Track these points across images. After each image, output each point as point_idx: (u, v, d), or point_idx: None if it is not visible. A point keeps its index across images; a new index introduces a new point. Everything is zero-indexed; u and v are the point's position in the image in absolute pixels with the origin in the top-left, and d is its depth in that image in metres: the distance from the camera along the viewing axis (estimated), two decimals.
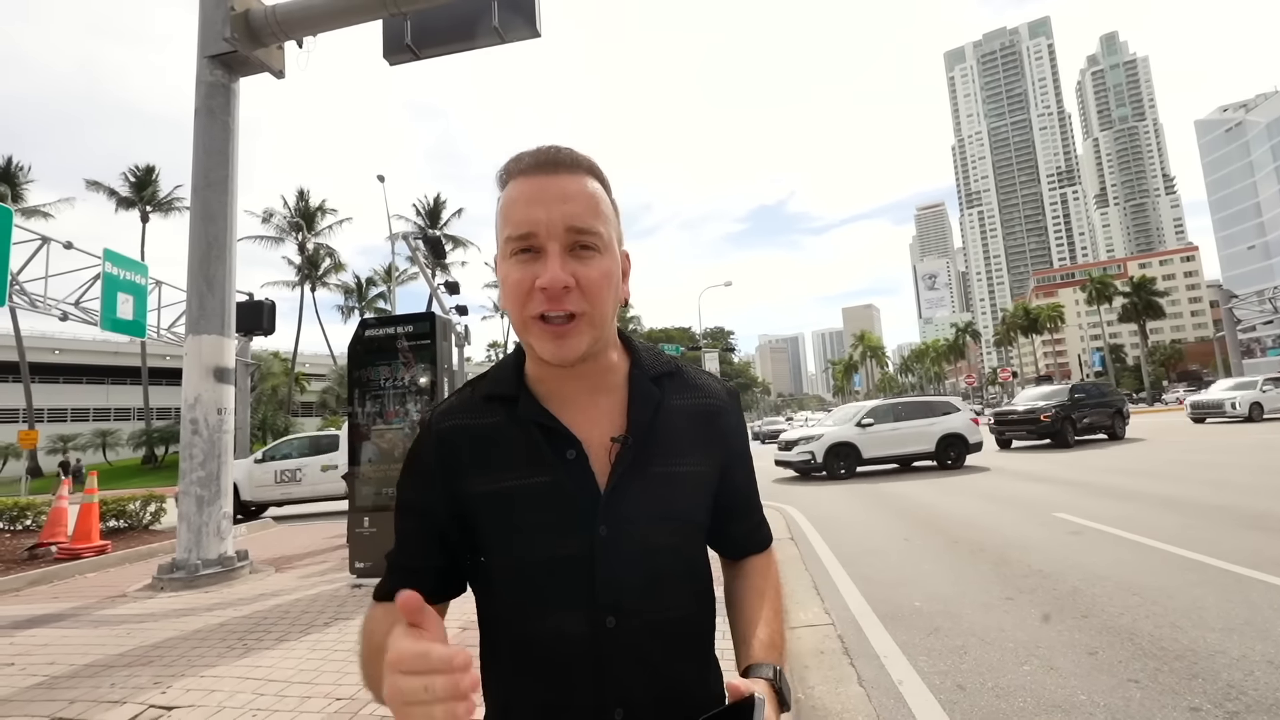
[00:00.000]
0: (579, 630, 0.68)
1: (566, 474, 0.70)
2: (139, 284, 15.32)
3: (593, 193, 0.70)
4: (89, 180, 37.72)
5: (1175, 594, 4.11)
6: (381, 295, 47.29)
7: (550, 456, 0.70)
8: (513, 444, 0.72)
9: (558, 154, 0.70)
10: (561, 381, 0.74)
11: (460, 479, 0.72)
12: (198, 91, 6.54)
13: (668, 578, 0.73)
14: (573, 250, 0.67)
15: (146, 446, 39.63)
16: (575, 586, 0.69)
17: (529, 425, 0.72)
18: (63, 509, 7.84)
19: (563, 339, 0.67)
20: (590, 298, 0.67)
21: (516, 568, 0.70)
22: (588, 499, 0.70)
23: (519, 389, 0.74)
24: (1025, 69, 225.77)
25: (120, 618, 4.86)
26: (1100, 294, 67.20)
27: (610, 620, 0.68)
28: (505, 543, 0.71)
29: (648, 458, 0.72)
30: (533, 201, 0.67)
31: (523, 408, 0.72)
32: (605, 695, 0.68)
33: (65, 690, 3.38)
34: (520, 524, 0.70)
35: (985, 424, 16.54)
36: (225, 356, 6.34)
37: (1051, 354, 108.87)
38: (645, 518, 0.71)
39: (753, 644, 0.74)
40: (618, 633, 0.69)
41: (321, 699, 3.10)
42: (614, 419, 0.74)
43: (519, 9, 6.38)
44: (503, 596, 0.72)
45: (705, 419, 0.79)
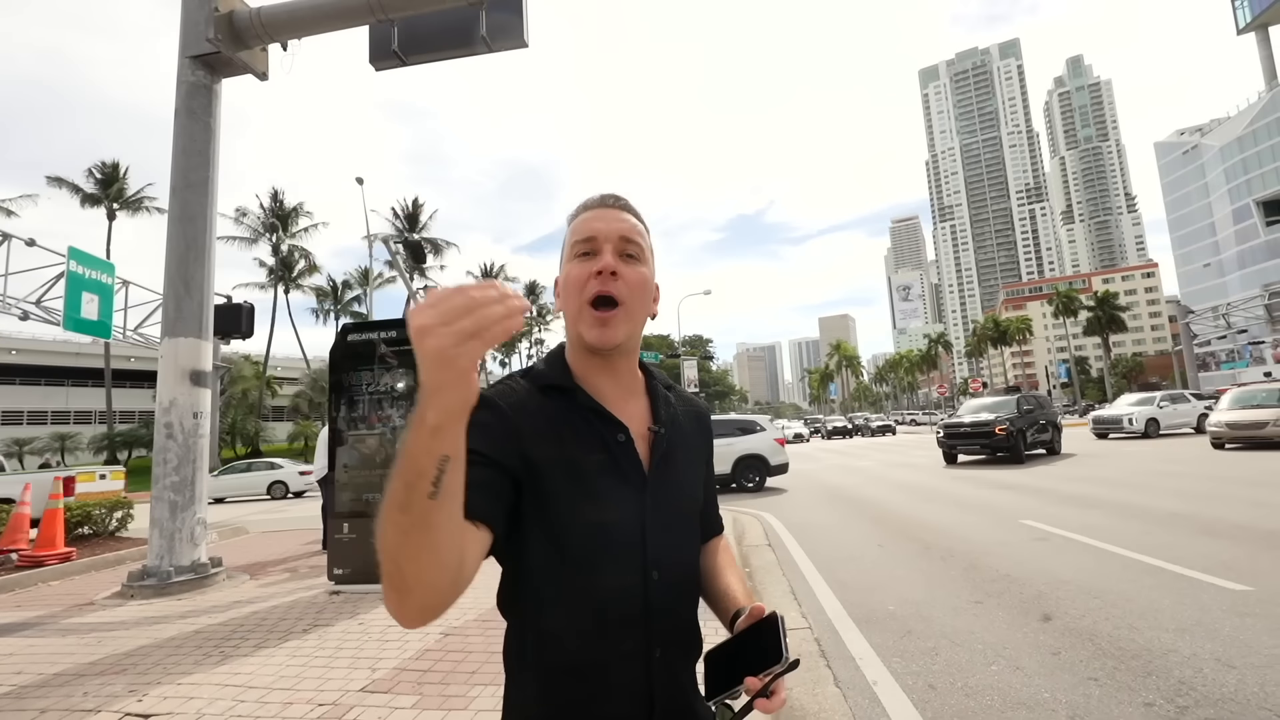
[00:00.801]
0: (633, 581, 0.81)
1: (620, 453, 0.84)
2: (105, 283, 14.86)
3: (639, 226, 0.90)
4: (50, 177, 36.45)
5: (1133, 597, 4.31)
6: (357, 298, 46.58)
7: (606, 438, 0.84)
8: (573, 425, 0.83)
9: (616, 198, 0.91)
10: (601, 382, 0.88)
11: (529, 445, 0.79)
12: (178, 91, 6.46)
13: (688, 541, 0.91)
14: (622, 256, 0.85)
15: (109, 451, 38.32)
16: (630, 546, 0.82)
17: (586, 412, 0.85)
18: (24, 515, 7.59)
19: (605, 325, 0.83)
20: (631, 290, 0.84)
21: (579, 529, 0.79)
22: (637, 475, 0.85)
23: (569, 381, 0.87)
24: (996, 88, 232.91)
25: (89, 626, 4.74)
26: (1066, 307, 69.42)
27: (655, 574, 0.82)
28: (571, 506, 0.80)
29: (673, 445, 0.90)
30: (595, 220, 0.87)
31: (581, 397, 0.85)
32: (651, 638, 0.82)
33: (35, 700, 3.30)
34: (586, 491, 0.80)
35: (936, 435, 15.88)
36: (202, 360, 6.24)
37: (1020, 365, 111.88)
38: (676, 491, 0.89)
39: (735, 596, 0.92)
40: (659, 584, 0.82)
41: (304, 705, 3.09)
42: (642, 417, 0.90)
43: (507, 20, 6.45)
44: (561, 554, 0.79)
45: (697, 421, 1.00)
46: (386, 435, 5.76)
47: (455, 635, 4.09)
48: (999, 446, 14.25)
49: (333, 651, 3.90)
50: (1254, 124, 67.88)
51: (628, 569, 0.81)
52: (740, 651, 0.80)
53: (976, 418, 14.96)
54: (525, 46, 6.63)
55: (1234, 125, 71.05)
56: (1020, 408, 15.12)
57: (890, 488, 11.70)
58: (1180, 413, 21.36)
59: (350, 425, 5.81)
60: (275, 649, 4.00)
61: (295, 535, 9.62)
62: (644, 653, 0.81)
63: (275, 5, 6.55)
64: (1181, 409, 21.48)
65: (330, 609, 4.96)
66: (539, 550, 0.80)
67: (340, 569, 5.50)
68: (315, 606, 5.07)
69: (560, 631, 0.80)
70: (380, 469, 5.68)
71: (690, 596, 0.89)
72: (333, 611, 4.89)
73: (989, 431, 14.31)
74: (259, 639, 4.23)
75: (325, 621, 4.60)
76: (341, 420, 5.77)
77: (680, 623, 0.86)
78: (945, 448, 15.38)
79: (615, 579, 0.80)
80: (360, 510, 5.57)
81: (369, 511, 5.56)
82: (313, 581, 6.00)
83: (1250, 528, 6.17)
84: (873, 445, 29.84)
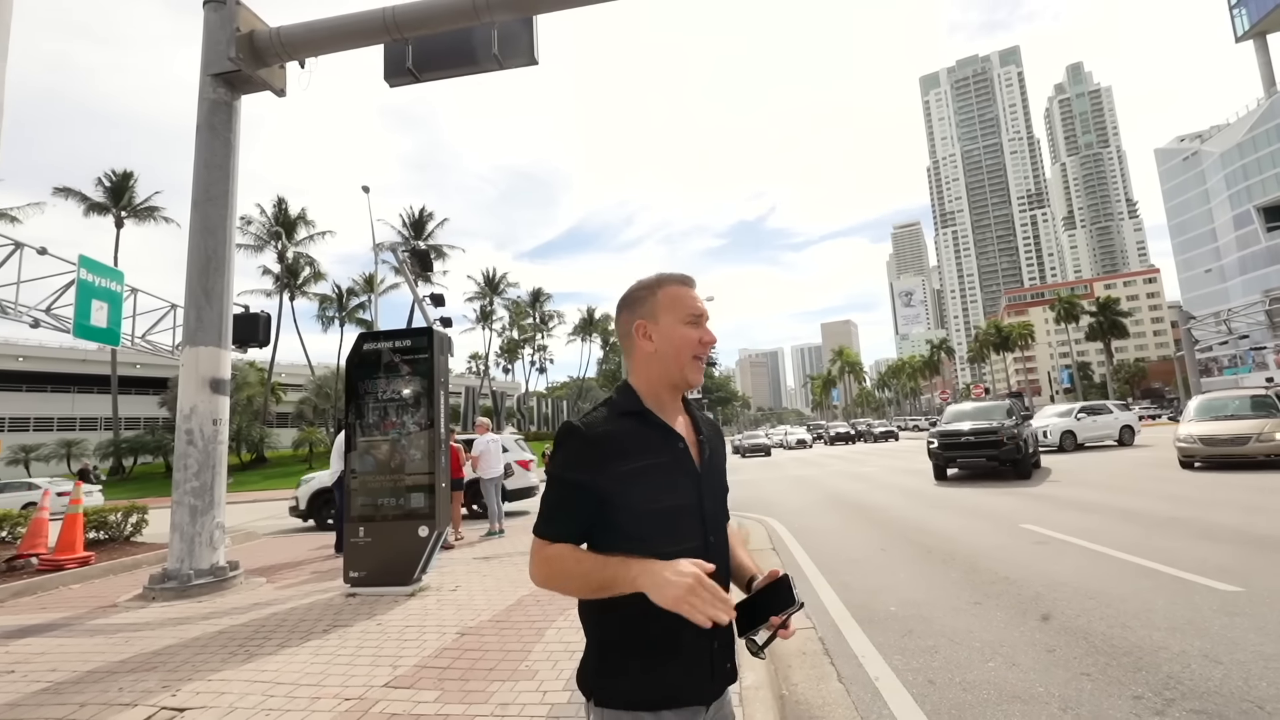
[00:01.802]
0: (699, 545, 1.15)
1: (682, 456, 1.19)
2: (114, 291, 15.07)
3: None
4: (57, 187, 36.85)
5: (1128, 598, 4.44)
6: (362, 305, 46.85)
7: (671, 445, 1.19)
8: (646, 439, 1.17)
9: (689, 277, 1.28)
10: (661, 408, 1.22)
11: (610, 461, 1.12)
12: (200, 108, 6.68)
13: (726, 516, 1.28)
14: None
15: (115, 457, 38.51)
16: (694, 520, 1.18)
17: (656, 428, 1.19)
18: (43, 520, 7.76)
19: (702, 371, 1.24)
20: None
21: (659, 511, 1.13)
22: (693, 472, 1.20)
23: (641, 407, 1.21)
24: (996, 95, 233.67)
25: (115, 626, 4.90)
26: (1068, 313, 69.46)
27: (712, 539, 1.19)
28: (651, 497, 1.13)
29: (712, 449, 1.27)
30: (698, 300, 1.25)
31: (651, 418, 1.20)
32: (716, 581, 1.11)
33: (73, 695, 3.46)
34: (662, 485, 1.15)
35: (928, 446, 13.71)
36: (222, 368, 6.42)
37: (1023, 370, 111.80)
38: (718, 481, 1.27)
39: (747, 566, 1.28)
40: (715, 546, 1.19)
41: (331, 699, 3.24)
42: (687, 430, 1.25)
43: (518, 38, 6.66)
44: (641, 532, 1.11)
45: (719, 432, 1.37)
46: (399, 441, 5.92)
47: (471, 635, 4.24)
48: (1006, 458, 12.48)
49: (354, 650, 4.05)
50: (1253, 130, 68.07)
51: (695, 537, 1.16)
52: (760, 601, 1.14)
53: (978, 425, 13.10)
54: (535, 64, 6.84)
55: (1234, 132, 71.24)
56: (1016, 413, 13.65)
57: (893, 493, 11.82)
58: (1100, 425, 20.22)
59: (364, 431, 5.97)
60: (298, 648, 4.15)
61: (305, 540, 9.78)
62: None
63: (294, 25, 6.78)
64: (1102, 421, 20.40)
65: (348, 610, 5.11)
66: (628, 530, 1.13)
67: (356, 571, 5.65)
68: (333, 608, 5.22)
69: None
70: (392, 474, 5.83)
71: (728, 557, 1.25)
72: (350, 612, 5.03)
73: (995, 441, 12.51)
74: (281, 638, 4.38)
75: (344, 622, 4.75)
76: (358, 427, 5.92)
77: (726, 575, 1.22)
78: (940, 460, 13.23)
79: (688, 544, 1.14)
80: (374, 515, 5.73)
81: (383, 515, 5.71)
82: (328, 584, 6.14)
83: (1244, 532, 6.29)
84: (875, 451, 29.89)
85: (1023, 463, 12.54)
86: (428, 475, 5.70)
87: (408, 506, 5.69)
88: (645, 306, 1.23)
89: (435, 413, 5.80)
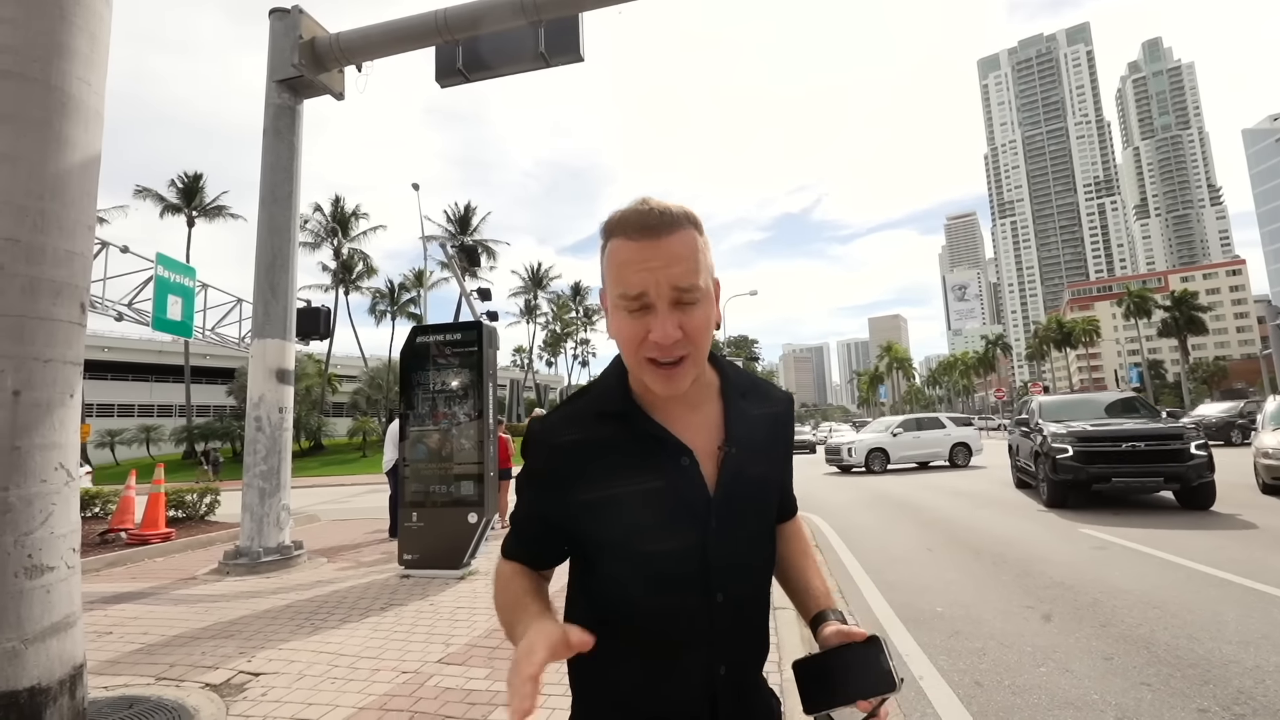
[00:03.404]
0: (695, 604, 0.81)
1: (680, 478, 0.81)
2: (188, 286, 16.17)
3: (693, 247, 0.78)
4: (138, 187, 39.65)
5: (1196, 608, 4.22)
6: (413, 300, 48.46)
7: (664, 464, 0.82)
8: (629, 453, 0.82)
9: (659, 217, 0.77)
10: (662, 400, 0.84)
11: (576, 488, 0.83)
12: (266, 113, 7.07)
13: (759, 557, 0.89)
14: (676, 305, 0.76)
15: (188, 442, 41.21)
16: (690, 570, 0.81)
17: (644, 437, 0.82)
18: (131, 498, 8.44)
19: (671, 378, 0.79)
20: (693, 341, 0.78)
21: (639, 557, 0.81)
22: (700, 501, 0.81)
23: (627, 404, 0.84)
24: (1062, 76, 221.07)
25: (196, 597, 5.31)
26: (1139, 308, 65.40)
27: (719, 596, 0.82)
28: (625, 538, 0.82)
29: (745, 462, 0.86)
30: (642, 267, 0.75)
31: (637, 423, 0.83)
32: (714, 655, 0.83)
33: (163, 656, 3.80)
34: (640, 523, 0.81)
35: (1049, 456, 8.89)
36: (286, 359, 6.82)
37: (1086, 369, 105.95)
38: (746, 511, 0.85)
39: (816, 594, 0.93)
40: (724, 605, 0.82)
41: (389, 672, 3.45)
42: (712, 428, 0.86)
43: (564, 36, 6.77)
44: (616, 579, 0.83)
45: (777, 422, 0.94)
46: (450, 431, 6.15)
47: None
48: (1193, 479, 7.86)
49: (409, 627, 4.27)
50: None
51: (689, 594, 0.81)
52: (837, 667, 0.80)
53: (1145, 426, 8.57)
54: (581, 60, 6.94)
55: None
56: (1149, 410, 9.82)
57: (940, 493, 11.48)
58: (922, 443, 17.31)
59: (416, 421, 6.24)
60: (358, 623, 4.41)
61: (361, 524, 10.26)
62: (707, 668, 0.82)
63: (352, 30, 7.09)
64: (927, 438, 17.34)
65: (402, 590, 5.38)
66: (600, 577, 0.85)
67: (410, 554, 5.93)
68: (389, 588, 5.49)
69: (625, 646, 0.82)
70: (443, 463, 6.07)
71: (759, 610, 0.88)
72: (405, 593, 5.29)
73: (1176, 453, 7.97)
74: (343, 614, 4.66)
75: (399, 601, 5.00)
76: (412, 417, 6.19)
77: (747, 637, 0.86)
78: (1073, 477, 8.39)
79: (677, 604, 0.81)
80: (427, 500, 5.99)
81: (434, 501, 5.97)
82: (384, 565, 6.46)
83: None
84: None
85: (1207, 488, 7.95)
86: (477, 465, 5.91)
87: (458, 494, 5.92)
88: (601, 263, 0.83)
89: (484, 404, 6.00)
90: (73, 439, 2.53)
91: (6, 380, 2.26)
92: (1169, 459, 7.99)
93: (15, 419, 2.27)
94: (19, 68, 2.38)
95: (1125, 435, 8.36)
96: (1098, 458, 8.33)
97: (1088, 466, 8.32)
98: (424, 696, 3.09)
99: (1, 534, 2.20)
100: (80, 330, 2.58)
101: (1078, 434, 8.60)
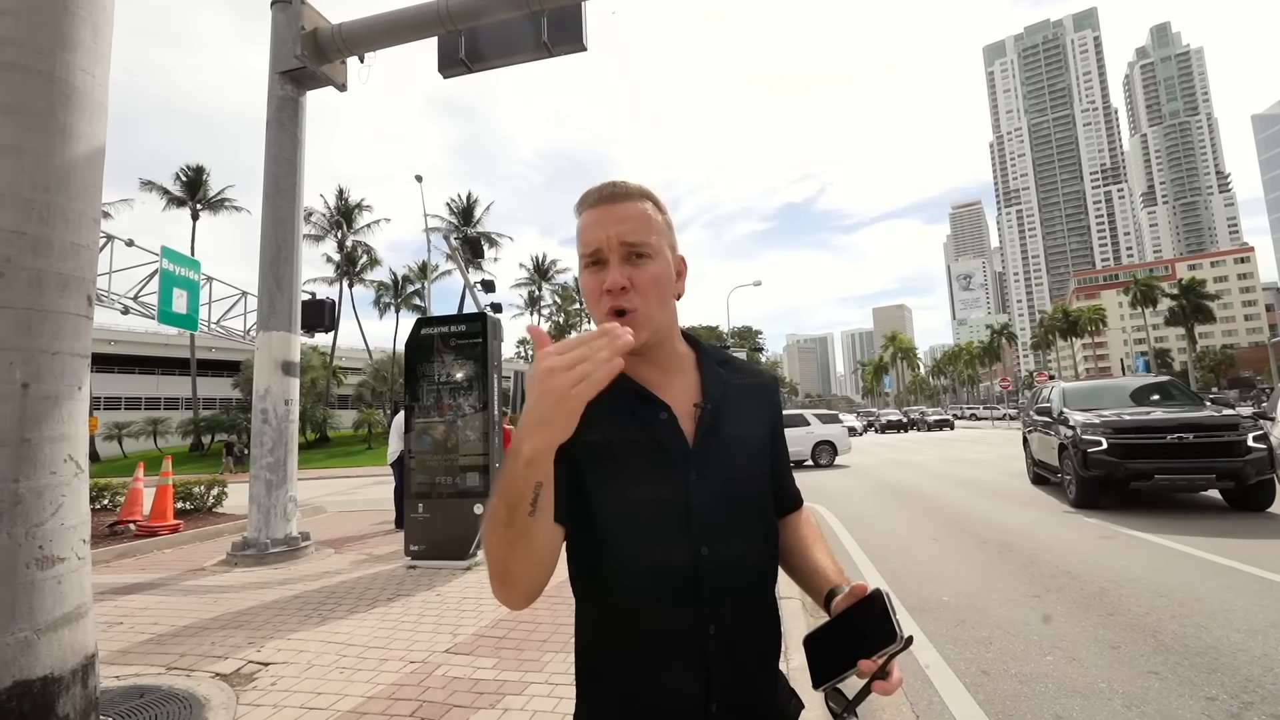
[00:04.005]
0: (680, 558, 0.83)
1: (662, 430, 0.86)
2: (192, 279, 16.21)
3: (644, 213, 0.87)
4: (143, 180, 39.66)
5: (1203, 597, 4.21)
6: (417, 292, 48.47)
7: (647, 416, 0.87)
8: (614, 407, 0.83)
9: (614, 188, 0.88)
10: (640, 368, 0.89)
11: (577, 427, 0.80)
12: (269, 105, 7.04)
13: (745, 517, 0.89)
14: (628, 259, 0.85)
15: (194, 435, 41.48)
16: (674, 522, 0.83)
17: (627, 394, 0.86)
18: (139, 490, 8.50)
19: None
20: (642, 294, 0.85)
21: (624, 506, 0.84)
22: (680, 451, 0.86)
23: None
24: (1069, 63, 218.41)
25: (204, 588, 5.36)
26: (1145, 296, 64.98)
27: (704, 549, 0.83)
28: (615, 484, 0.84)
29: (722, 421, 0.90)
30: (596, 226, 0.86)
31: (621, 380, 0.83)
32: (702, 613, 0.83)
33: (174, 646, 3.83)
34: (626, 470, 0.84)
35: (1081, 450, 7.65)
36: (292, 351, 6.83)
37: (1092, 358, 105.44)
38: (725, 467, 0.88)
39: (826, 573, 0.93)
40: (710, 560, 0.83)
41: (397, 661, 3.47)
42: (689, 394, 0.91)
43: (567, 25, 6.70)
44: (608, 531, 0.84)
45: (759, 394, 0.98)
46: (455, 423, 6.16)
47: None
48: (1252, 476, 6.81)
49: (416, 618, 4.30)
50: None
51: (674, 545, 0.83)
52: (843, 633, 0.79)
53: (1190, 415, 7.36)
54: (584, 50, 6.87)
55: None
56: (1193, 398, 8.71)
57: (946, 483, 11.47)
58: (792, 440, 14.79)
59: (421, 413, 6.25)
60: (366, 614, 4.44)
61: (367, 515, 10.32)
62: (697, 628, 0.82)
63: (354, 21, 7.03)
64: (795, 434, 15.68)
65: (409, 581, 5.41)
66: (591, 529, 0.85)
67: (416, 545, 5.96)
68: (395, 579, 5.53)
69: (617, 604, 0.84)
70: (448, 454, 6.09)
71: (752, 573, 0.88)
72: (411, 583, 5.33)
73: (1232, 445, 6.89)
74: (350, 605, 4.69)
75: (406, 592, 5.03)
76: (417, 408, 6.20)
77: (740, 600, 0.86)
78: (1110, 473, 7.30)
79: (662, 554, 0.82)
80: (431, 491, 6.02)
81: (439, 493, 5.99)
82: (390, 556, 6.50)
83: None
84: (929, 440, 29.01)
85: (1267, 486, 6.98)
86: (482, 456, 5.93)
87: (463, 485, 5.94)
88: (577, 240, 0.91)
89: (489, 395, 6.00)
90: (81, 431, 2.54)
91: (15, 373, 2.27)
92: (1222, 453, 6.88)
93: (24, 411, 2.28)
94: (22, 60, 2.36)
95: (1170, 425, 7.18)
96: (1137, 451, 7.20)
97: (1125, 462, 7.19)
98: (432, 686, 3.12)
99: (13, 526, 2.21)
100: (87, 323, 2.58)
101: (1113, 424, 7.47)
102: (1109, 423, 7.56)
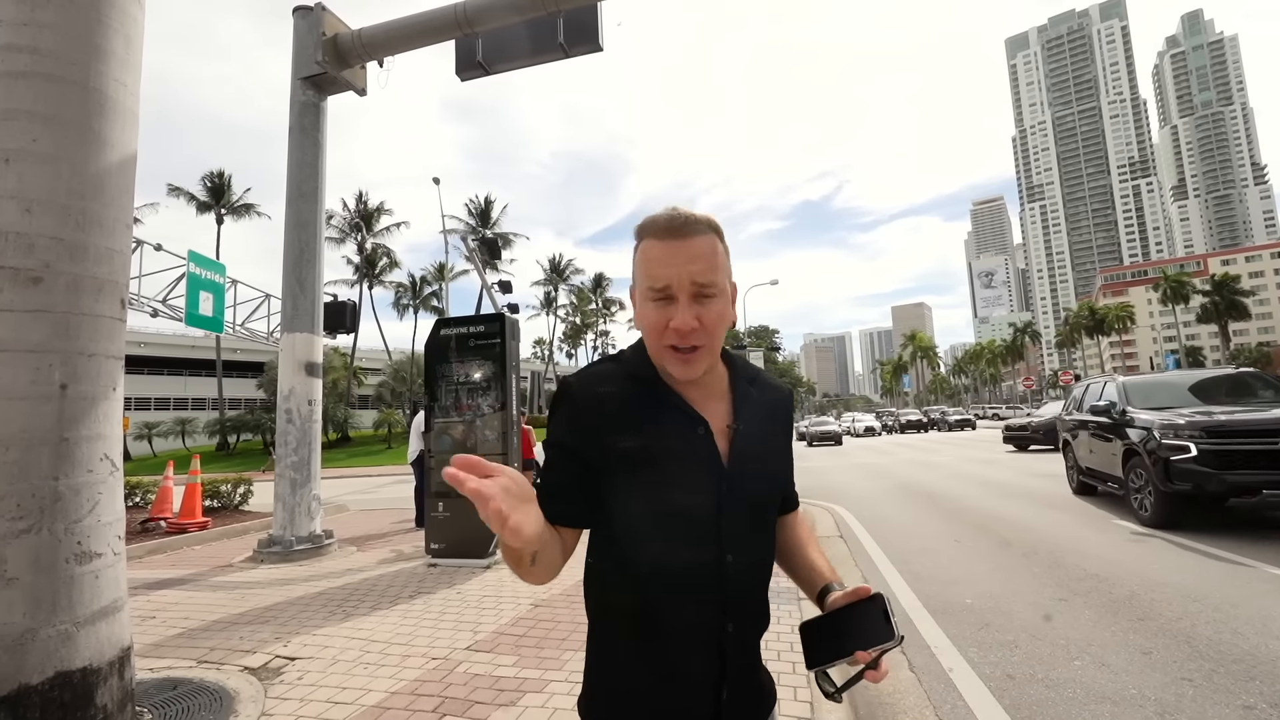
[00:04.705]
0: (708, 561, 0.90)
1: (698, 444, 0.91)
2: (218, 283, 16.60)
3: (713, 249, 0.90)
4: (171, 186, 40.70)
5: (1240, 603, 4.08)
6: (435, 293, 49.01)
7: (684, 429, 0.91)
8: (655, 414, 0.91)
9: (685, 221, 0.88)
10: (683, 385, 0.94)
11: (611, 432, 0.90)
12: (291, 110, 7.18)
13: (763, 528, 0.98)
14: (696, 298, 0.87)
15: (220, 434, 42.42)
16: (706, 531, 0.90)
17: (667, 405, 0.92)
18: (169, 488, 8.72)
19: (688, 364, 0.90)
20: (709, 333, 0.89)
21: (660, 510, 0.89)
22: (714, 467, 0.91)
23: (657, 376, 0.94)
24: (1095, 54, 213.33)
25: (232, 584, 5.48)
26: (1176, 293, 63.25)
27: (729, 557, 0.90)
28: (649, 490, 0.89)
29: (751, 440, 0.96)
30: (667, 263, 0.87)
31: (663, 390, 0.93)
32: (726, 613, 0.91)
33: (204, 640, 3.93)
34: (664, 477, 0.89)
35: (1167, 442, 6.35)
36: (315, 352, 6.95)
37: (1120, 356, 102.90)
38: (753, 481, 0.95)
39: (821, 571, 1.02)
40: (733, 566, 0.91)
41: (419, 658, 3.52)
42: (723, 411, 0.97)
43: (584, 26, 6.72)
44: (642, 532, 0.89)
45: (779, 409, 1.05)
46: (474, 423, 6.22)
47: (544, 606, 4.45)
48: None
49: (437, 615, 4.35)
50: None
51: (703, 552, 0.89)
52: (840, 625, 0.88)
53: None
54: (601, 50, 6.89)
55: None
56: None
57: (967, 483, 11.29)
58: None
59: (441, 413, 6.32)
60: (388, 610, 4.50)
61: (388, 514, 10.47)
62: (718, 626, 0.90)
63: (374, 26, 7.13)
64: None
65: (430, 579, 5.48)
66: (621, 529, 0.91)
67: (437, 544, 6.03)
68: (417, 576, 5.60)
69: (646, 599, 0.90)
70: (468, 454, 6.14)
71: (763, 577, 0.97)
72: (432, 581, 5.39)
73: None
74: (373, 601, 4.77)
75: (427, 589, 5.10)
76: (437, 408, 6.27)
77: (751, 602, 0.95)
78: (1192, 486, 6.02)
79: (692, 559, 0.89)
80: (450, 491, 6.07)
81: (459, 493, 6.04)
82: (411, 555, 6.59)
83: None
84: (950, 440, 28.54)
85: None
86: (501, 455, 5.97)
87: None
88: (633, 261, 0.95)
89: (507, 395, 6.05)
90: (116, 430, 2.61)
91: (54, 374, 2.35)
92: None
93: (63, 411, 2.35)
94: (59, 70, 2.44)
95: (1271, 428, 5.78)
96: (1238, 460, 5.81)
97: (1223, 474, 5.83)
98: (454, 682, 3.16)
99: (53, 522, 2.29)
100: (121, 325, 2.66)
101: (1204, 426, 6.06)
102: (1198, 424, 6.14)
